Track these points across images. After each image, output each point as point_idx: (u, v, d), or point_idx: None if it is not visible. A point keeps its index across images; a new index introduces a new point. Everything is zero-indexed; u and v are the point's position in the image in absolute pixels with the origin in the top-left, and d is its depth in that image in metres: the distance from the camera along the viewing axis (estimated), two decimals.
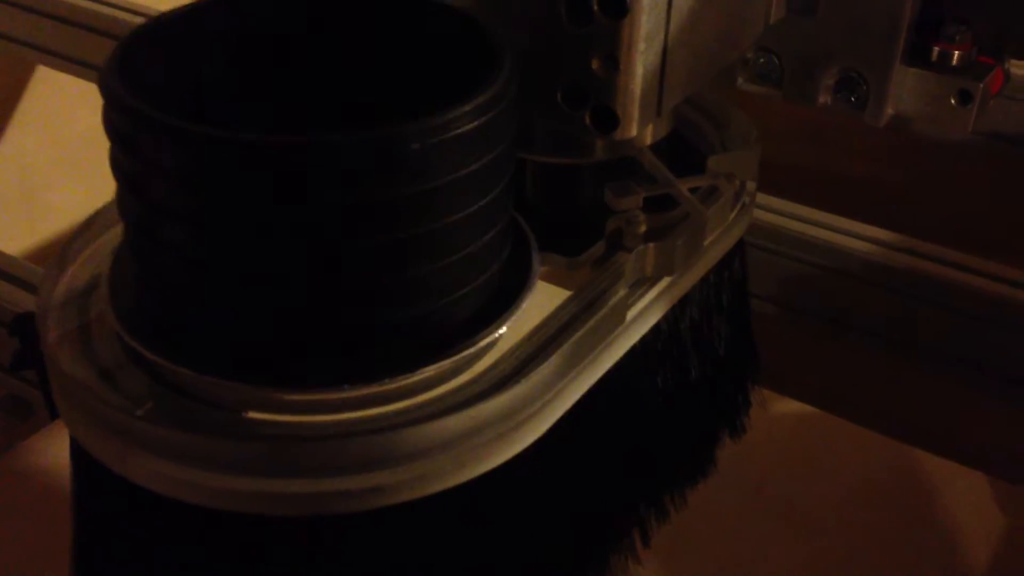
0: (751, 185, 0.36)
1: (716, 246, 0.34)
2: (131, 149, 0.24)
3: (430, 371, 0.26)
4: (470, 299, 0.27)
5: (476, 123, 0.24)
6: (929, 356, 0.48)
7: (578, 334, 0.28)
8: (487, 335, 0.27)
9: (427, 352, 0.27)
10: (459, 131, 0.24)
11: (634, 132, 0.31)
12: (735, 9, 0.34)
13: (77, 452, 0.28)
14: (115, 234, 0.30)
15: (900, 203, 0.61)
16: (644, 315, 0.31)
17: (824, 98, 0.49)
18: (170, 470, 0.26)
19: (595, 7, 0.29)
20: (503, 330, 0.28)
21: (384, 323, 0.26)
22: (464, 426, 0.26)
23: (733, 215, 0.35)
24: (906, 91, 0.44)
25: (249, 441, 0.26)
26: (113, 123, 0.24)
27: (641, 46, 0.30)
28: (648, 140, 0.36)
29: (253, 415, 0.26)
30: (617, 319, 0.30)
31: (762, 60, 0.47)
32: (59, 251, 0.29)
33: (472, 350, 0.27)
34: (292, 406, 0.26)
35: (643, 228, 0.32)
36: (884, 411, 0.52)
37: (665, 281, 0.32)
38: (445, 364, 0.27)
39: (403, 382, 0.26)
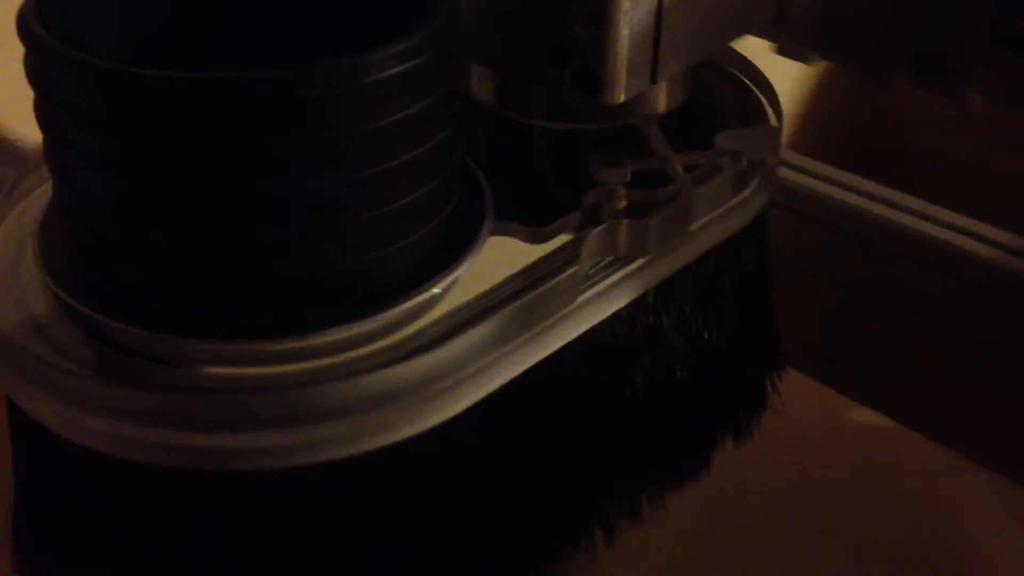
0: (769, 165, 0.33)
1: (713, 229, 0.31)
2: (44, 89, 0.24)
3: (337, 333, 0.25)
4: (395, 260, 0.26)
5: (385, 74, 0.22)
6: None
7: (510, 308, 0.26)
8: (409, 300, 0.25)
9: (347, 311, 0.25)
10: (369, 80, 0.22)
11: (621, 97, 0.29)
12: None
13: (11, 408, 0.27)
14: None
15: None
16: (605, 297, 0.29)
17: (904, 79, 0.45)
18: (94, 424, 0.25)
19: None
20: (436, 291, 0.26)
21: (298, 278, 0.25)
22: (371, 391, 0.25)
23: (743, 197, 0.32)
24: (998, 74, 0.40)
25: (159, 392, 0.25)
26: (29, 66, 0.24)
27: (626, 4, 0.27)
28: (661, 108, 0.33)
29: (171, 367, 0.26)
30: (566, 297, 0.27)
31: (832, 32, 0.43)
32: None
33: (394, 311, 0.25)
34: (203, 358, 0.25)
35: (623, 203, 0.29)
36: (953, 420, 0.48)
37: (638, 263, 0.29)
38: (366, 324, 0.25)
39: (310, 341, 0.25)
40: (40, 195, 0.30)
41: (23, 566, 0.29)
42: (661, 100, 0.33)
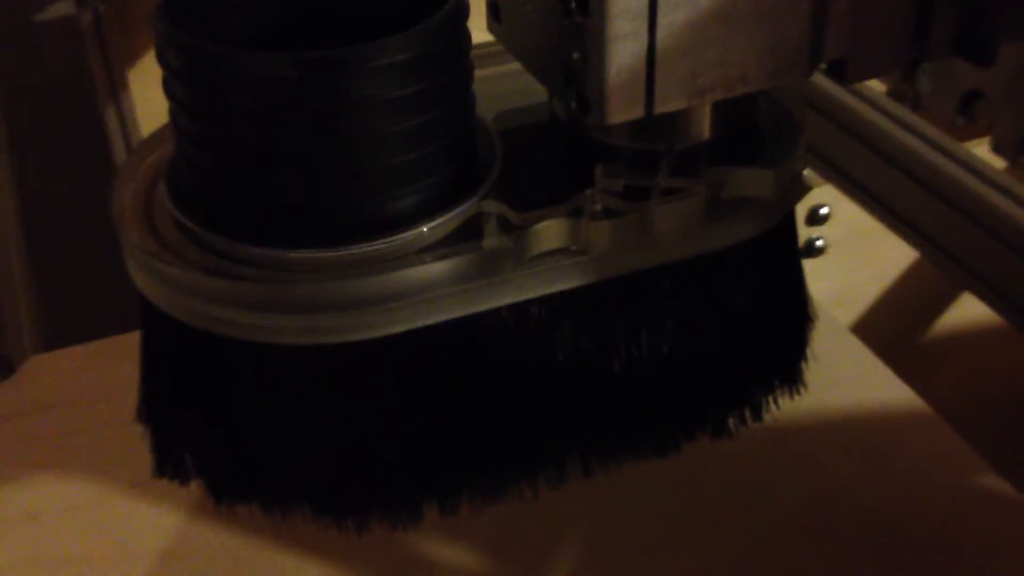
0: (763, 203, 0.38)
1: (679, 244, 0.37)
2: (162, 61, 0.34)
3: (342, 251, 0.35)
4: (395, 204, 0.35)
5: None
6: None
7: (468, 257, 0.35)
8: (399, 233, 0.35)
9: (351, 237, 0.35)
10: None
11: (611, 120, 0.35)
12: (767, 30, 0.35)
13: (144, 304, 0.38)
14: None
15: None
16: (557, 273, 0.36)
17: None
18: (208, 310, 0.35)
19: (572, 4, 0.33)
20: (423, 230, 0.35)
21: (320, 205, 0.35)
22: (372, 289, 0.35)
23: (719, 223, 0.37)
24: None
25: (250, 283, 0.35)
26: (159, 49, 0.35)
27: (609, 47, 0.33)
28: (706, 135, 0.39)
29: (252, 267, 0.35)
30: (514, 263, 0.35)
31: None
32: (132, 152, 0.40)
33: (383, 241, 0.35)
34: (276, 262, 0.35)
35: (599, 206, 0.36)
36: None
37: (597, 255, 0.36)
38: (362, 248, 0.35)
39: (337, 253, 0.35)
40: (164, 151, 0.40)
41: (154, 437, 0.40)
42: (702, 128, 0.39)
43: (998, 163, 0.54)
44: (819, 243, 0.73)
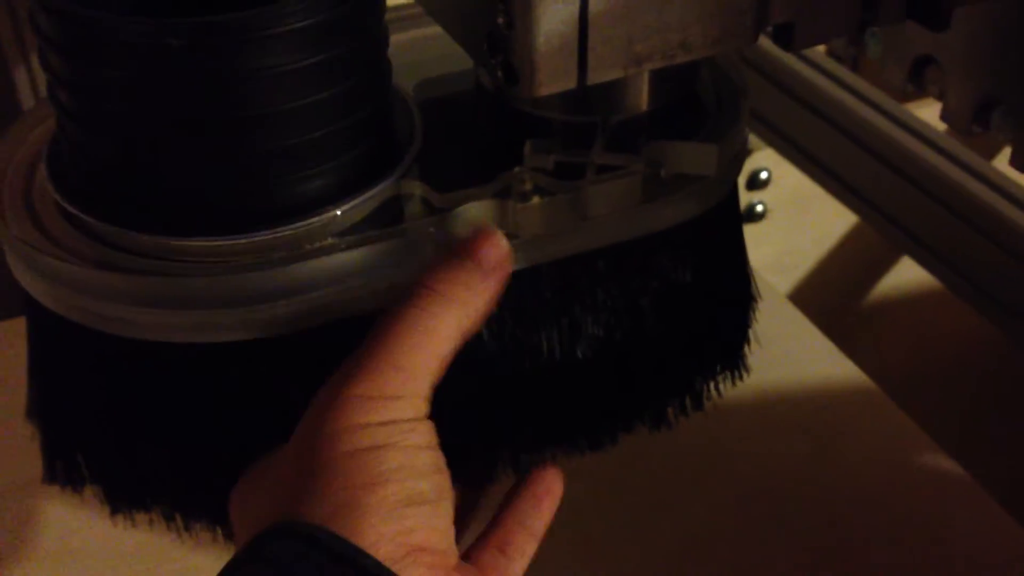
0: (707, 181, 0.35)
1: (617, 225, 0.34)
2: (36, 28, 0.30)
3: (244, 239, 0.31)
4: (302, 185, 0.32)
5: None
6: None
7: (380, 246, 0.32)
8: (312, 216, 0.32)
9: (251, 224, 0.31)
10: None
11: (538, 91, 0.32)
12: None
13: (27, 297, 0.34)
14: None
15: None
16: None
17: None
18: (95, 306, 0.32)
19: None
20: (336, 213, 0.32)
21: (220, 190, 0.31)
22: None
23: (659, 203, 0.34)
24: None
25: (140, 276, 0.31)
26: (30, 13, 0.31)
27: (537, 11, 0.30)
28: (644, 107, 0.36)
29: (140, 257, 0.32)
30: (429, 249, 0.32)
31: None
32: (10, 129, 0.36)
33: (296, 224, 0.32)
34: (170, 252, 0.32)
35: (528, 186, 0.33)
36: None
37: (527, 239, 0.33)
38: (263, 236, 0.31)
39: (235, 242, 0.31)
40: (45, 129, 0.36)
41: (44, 438, 0.37)
42: (640, 100, 0.36)
43: (941, 126, 0.53)
44: (759, 208, 0.71)
